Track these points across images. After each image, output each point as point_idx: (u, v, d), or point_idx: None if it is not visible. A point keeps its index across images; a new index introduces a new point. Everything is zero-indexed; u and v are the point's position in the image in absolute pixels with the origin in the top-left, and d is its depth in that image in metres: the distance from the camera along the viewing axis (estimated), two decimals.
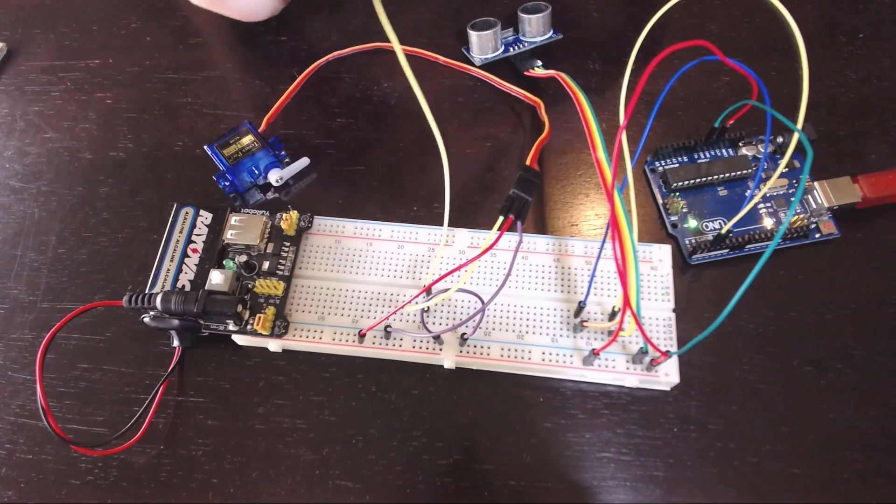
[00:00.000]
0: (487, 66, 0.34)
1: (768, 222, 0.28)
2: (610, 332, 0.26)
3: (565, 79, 0.30)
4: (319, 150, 0.32)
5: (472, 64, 0.34)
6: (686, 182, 0.29)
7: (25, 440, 0.26)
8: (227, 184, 0.30)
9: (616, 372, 0.25)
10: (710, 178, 0.29)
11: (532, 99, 0.32)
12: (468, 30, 0.33)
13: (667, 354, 0.24)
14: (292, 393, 0.27)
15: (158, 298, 0.25)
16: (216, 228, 0.28)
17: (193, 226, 0.29)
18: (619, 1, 0.36)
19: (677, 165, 0.30)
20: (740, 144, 0.30)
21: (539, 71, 0.33)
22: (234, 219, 0.28)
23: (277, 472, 0.25)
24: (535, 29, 0.34)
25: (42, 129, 0.34)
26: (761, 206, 0.29)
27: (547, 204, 0.30)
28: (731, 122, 0.29)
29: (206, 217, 0.29)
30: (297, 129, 0.33)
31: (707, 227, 0.29)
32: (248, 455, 0.26)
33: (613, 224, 0.23)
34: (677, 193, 0.29)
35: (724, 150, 0.30)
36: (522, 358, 0.26)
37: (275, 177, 0.30)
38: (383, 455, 0.25)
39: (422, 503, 0.25)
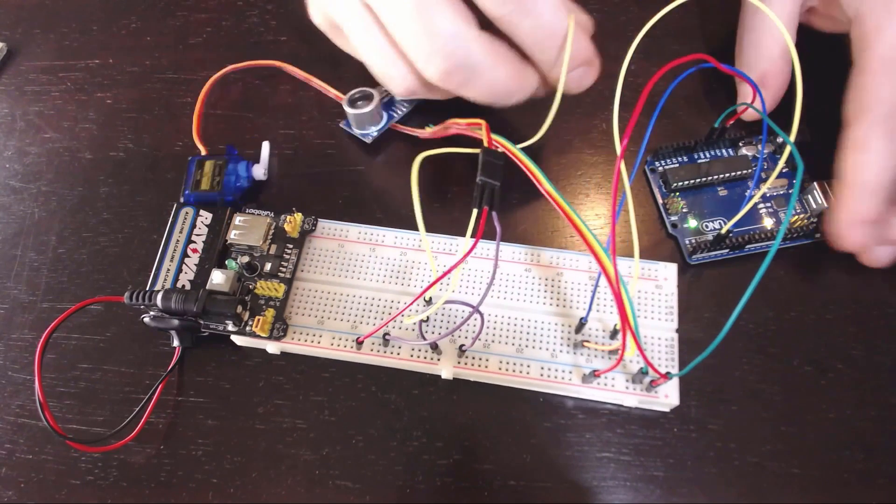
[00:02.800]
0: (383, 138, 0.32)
1: (768, 222, 0.28)
2: (610, 353, 0.26)
3: (509, 149, 0.25)
4: (319, 149, 0.32)
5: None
6: (686, 182, 0.29)
7: (25, 440, 0.26)
8: (230, 199, 0.30)
9: (615, 391, 0.25)
10: (710, 178, 0.29)
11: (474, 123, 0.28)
12: (344, 106, 0.31)
13: (667, 377, 0.24)
14: (292, 393, 0.27)
15: (159, 296, 0.25)
16: (216, 228, 0.28)
17: (193, 226, 0.29)
18: (620, 1, 0.36)
19: (677, 165, 0.30)
20: (740, 144, 0.30)
21: (430, 129, 0.30)
22: (238, 219, 0.28)
23: (277, 472, 0.25)
24: None
25: (42, 129, 0.34)
26: (761, 205, 0.29)
27: (547, 204, 0.30)
28: (731, 122, 0.29)
29: (206, 217, 0.29)
30: (297, 129, 0.33)
31: (707, 226, 0.29)
32: (248, 455, 0.26)
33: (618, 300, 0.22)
34: (677, 193, 0.29)
35: (724, 151, 0.30)
36: (521, 372, 0.26)
37: (260, 171, 0.31)
38: (383, 455, 0.25)
39: (422, 503, 0.25)
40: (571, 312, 0.27)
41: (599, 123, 0.32)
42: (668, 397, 0.25)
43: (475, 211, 0.23)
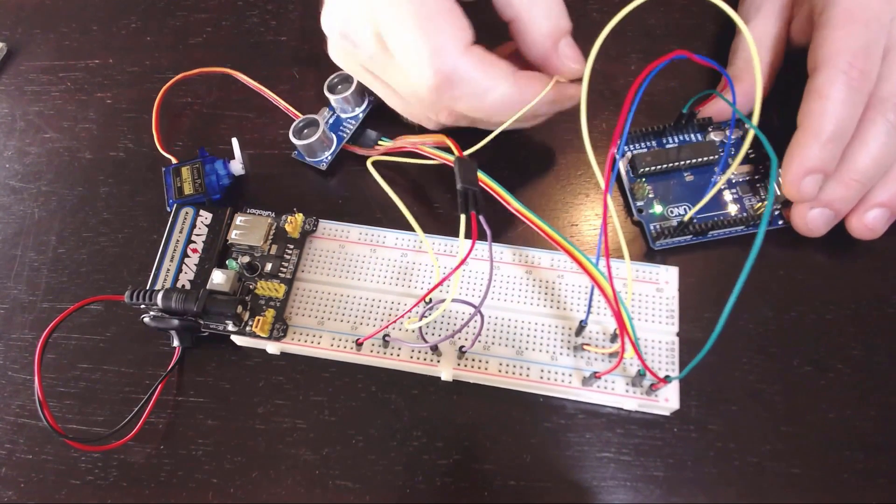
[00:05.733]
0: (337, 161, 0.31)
1: (733, 208, 0.28)
2: (611, 356, 0.26)
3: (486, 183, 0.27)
4: None
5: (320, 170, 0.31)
6: (653, 167, 0.29)
7: (25, 440, 0.26)
8: (218, 197, 0.30)
9: (615, 394, 0.25)
10: (677, 163, 0.29)
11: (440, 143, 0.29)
12: (290, 137, 0.30)
13: (665, 380, 0.24)
14: (292, 393, 0.27)
15: (160, 295, 0.25)
16: (216, 228, 0.28)
17: (193, 226, 0.29)
18: (620, 1, 0.36)
19: (645, 150, 0.30)
20: (709, 129, 0.30)
21: (385, 144, 0.31)
22: (239, 219, 0.28)
23: (277, 472, 0.25)
24: (351, 103, 0.31)
25: (42, 129, 0.34)
26: (726, 192, 0.29)
27: (547, 204, 0.30)
28: (700, 108, 0.29)
29: (205, 217, 0.29)
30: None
31: (672, 212, 0.29)
32: (248, 455, 0.26)
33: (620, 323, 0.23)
34: (644, 179, 0.29)
35: (692, 135, 0.30)
36: (521, 374, 0.26)
37: (237, 166, 0.31)
38: (383, 455, 0.25)
39: (422, 503, 0.25)
40: (571, 315, 0.27)
41: (599, 123, 0.32)
42: (668, 401, 0.25)
43: (463, 217, 0.24)
